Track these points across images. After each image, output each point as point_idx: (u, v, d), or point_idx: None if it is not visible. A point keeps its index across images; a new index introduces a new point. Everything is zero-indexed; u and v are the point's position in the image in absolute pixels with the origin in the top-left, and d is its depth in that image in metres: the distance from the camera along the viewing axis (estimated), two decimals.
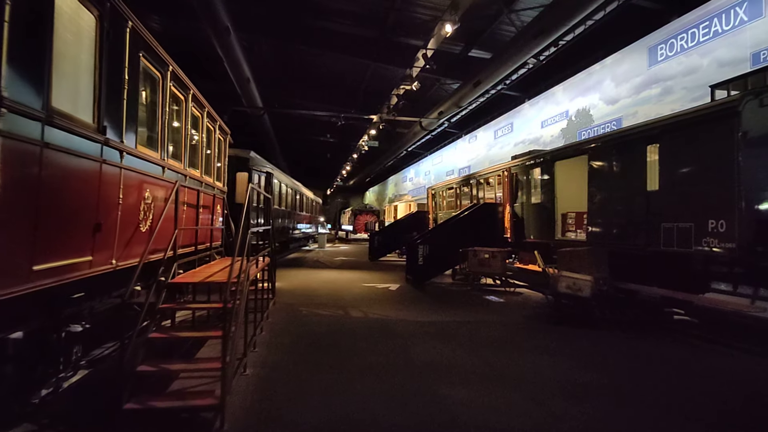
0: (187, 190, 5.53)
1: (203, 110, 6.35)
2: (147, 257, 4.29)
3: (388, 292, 10.59)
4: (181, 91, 5.27)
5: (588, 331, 6.93)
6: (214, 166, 7.22)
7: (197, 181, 6.14)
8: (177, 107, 5.32)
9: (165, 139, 4.69)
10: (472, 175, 15.68)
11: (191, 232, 5.64)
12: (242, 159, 13.26)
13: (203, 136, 6.39)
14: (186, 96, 5.46)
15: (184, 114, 5.46)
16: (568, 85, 18.40)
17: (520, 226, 11.69)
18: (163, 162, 4.65)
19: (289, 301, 8.90)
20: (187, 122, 5.55)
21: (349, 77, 23.42)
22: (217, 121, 7.27)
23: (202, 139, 6.34)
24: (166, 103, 4.65)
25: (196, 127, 6.22)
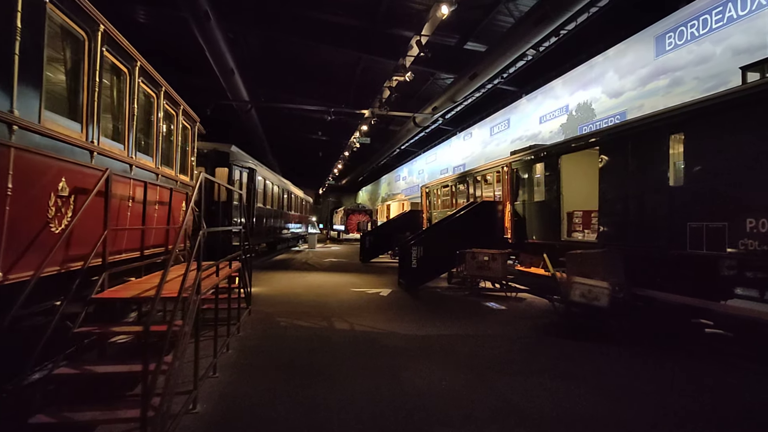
0: (132, 182, 4.57)
1: (159, 89, 5.38)
2: (66, 266, 3.34)
3: (379, 298, 9.67)
4: (121, 60, 4.30)
5: (605, 346, 6.05)
6: (177, 156, 6.26)
7: (150, 173, 5.17)
8: (116, 77, 4.36)
9: (94, 116, 3.73)
10: (469, 172, 14.80)
11: (135, 234, 4.67)
12: (222, 153, 12.28)
13: (159, 118, 5.42)
14: (131, 68, 4.49)
15: (129, 88, 4.50)
16: (568, 79, 17.60)
17: (522, 226, 10.82)
18: (90, 145, 3.69)
19: (267, 310, 7.95)
20: (133, 99, 4.59)
21: (340, 71, 22.46)
22: (180, 105, 6.30)
23: (157, 123, 5.38)
24: (95, 69, 3.69)
25: (148, 108, 5.26)
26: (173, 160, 6.18)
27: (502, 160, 12.15)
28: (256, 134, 32.03)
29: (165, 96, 5.58)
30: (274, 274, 13.29)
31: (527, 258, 10.97)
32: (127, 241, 4.55)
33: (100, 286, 3.55)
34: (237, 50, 18.21)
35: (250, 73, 20.56)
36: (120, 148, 4.36)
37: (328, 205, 62.06)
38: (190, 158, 7.14)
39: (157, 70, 5.18)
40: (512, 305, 9.11)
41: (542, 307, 8.98)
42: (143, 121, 5.11)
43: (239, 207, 13.01)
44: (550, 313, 8.30)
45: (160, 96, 5.42)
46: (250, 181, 13.59)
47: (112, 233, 3.91)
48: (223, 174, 12.33)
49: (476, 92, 21.66)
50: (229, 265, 5.58)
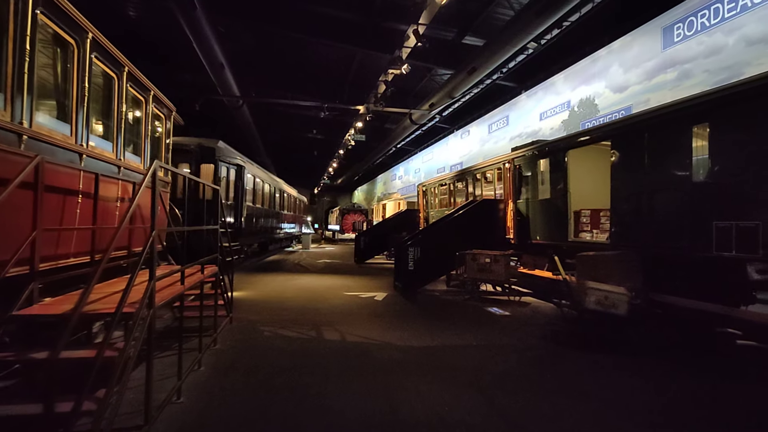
0: (82, 174, 3.90)
1: (120, 69, 4.71)
2: None
3: (373, 303, 9.02)
4: (65, 28, 3.63)
5: (623, 358, 5.43)
6: (146, 148, 5.58)
7: (109, 165, 4.50)
8: (59, 49, 3.69)
9: (24, 90, 3.06)
10: (468, 170, 14.18)
11: (84, 235, 4.00)
12: (207, 149, 11.59)
13: (121, 103, 4.75)
14: (79, 39, 3.82)
15: (77, 62, 3.83)
16: (569, 74, 17.01)
17: (525, 225, 10.20)
18: (18, 127, 3.02)
19: (251, 318, 7.29)
20: (84, 76, 3.92)
21: (334, 67, 21.77)
22: (150, 90, 5.62)
23: (119, 108, 4.70)
24: (25, 33, 3.03)
25: (107, 90, 4.59)
26: (141, 151, 5.50)
27: (503, 157, 11.54)
28: (249, 132, 31.30)
29: (129, 78, 4.90)
30: (264, 277, 12.62)
31: (531, 259, 10.36)
32: (77, 244, 3.88)
33: (27, 300, 2.89)
34: (227, 44, 17.52)
35: (240, 68, 19.86)
36: (64, 133, 3.69)
37: (324, 204, 61.33)
38: (165, 151, 6.46)
39: (144, 67, 4.57)
40: (516, 310, 8.49)
41: (548, 312, 8.36)
42: (99, 104, 4.44)
43: (229, 206, 12.32)
44: (558, 319, 7.69)
45: (122, 77, 4.74)
46: (239, 178, 12.90)
47: (46, 235, 3.24)
48: (209, 171, 11.64)
49: (474, 88, 21.07)
50: (202, 270, 4.91)
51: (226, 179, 12.22)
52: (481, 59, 15.96)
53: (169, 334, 6.05)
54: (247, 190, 14.10)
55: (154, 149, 6.12)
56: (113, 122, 4.63)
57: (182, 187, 11.46)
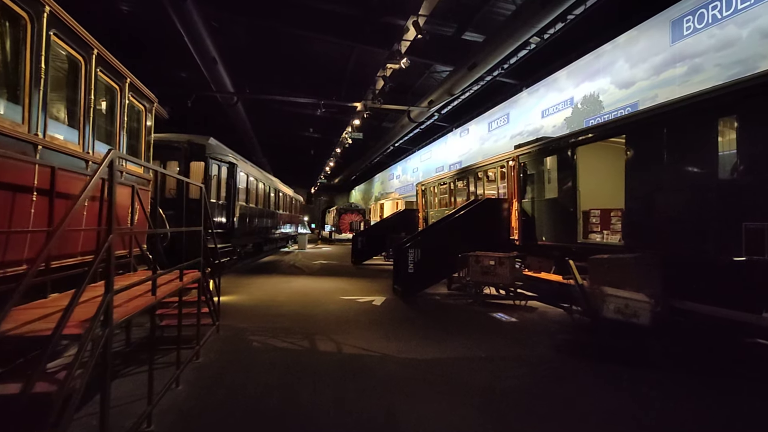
0: (38, 168, 3.38)
1: (88, 52, 4.19)
2: None
3: (371, 308, 8.52)
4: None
5: (645, 372, 4.95)
6: (120, 141, 5.06)
7: (75, 159, 3.99)
8: (7, 22, 3.18)
9: None
10: (469, 168, 13.70)
11: (37, 238, 3.47)
12: (197, 146, 11.06)
13: (90, 90, 4.23)
14: (32, 13, 3.31)
15: (30, 39, 3.31)
16: (573, 69, 16.56)
17: (530, 226, 9.74)
18: None
19: (240, 326, 6.77)
20: (40, 56, 3.40)
21: (332, 64, 21.25)
22: (125, 78, 5.10)
23: (86, 95, 4.18)
24: None
25: (72, 75, 4.07)
26: (116, 145, 4.98)
27: (507, 154, 11.06)
28: (244, 131, 30.75)
29: (99, 62, 4.38)
30: (257, 279, 12.09)
31: (536, 262, 9.89)
32: (29, 248, 3.36)
33: None
34: (220, 39, 16.96)
35: (234, 64, 19.31)
36: (14, 119, 3.17)
37: (320, 204, 60.80)
38: (145, 146, 5.94)
39: (136, 64, 4.06)
40: (523, 316, 8.00)
41: (557, 318, 7.88)
42: (61, 90, 3.92)
43: (221, 205, 11.80)
44: (568, 326, 7.21)
45: (90, 61, 4.22)
46: (231, 177, 12.37)
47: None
48: (199, 169, 11.11)
49: (475, 85, 20.59)
50: (181, 276, 4.40)
51: (218, 178, 11.69)
52: (482, 54, 15.48)
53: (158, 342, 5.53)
54: (240, 189, 13.57)
55: (132, 143, 5.60)
56: (80, 111, 4.11)
57: (173, 187, 10.94)
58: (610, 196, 8.58)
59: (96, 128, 4.39)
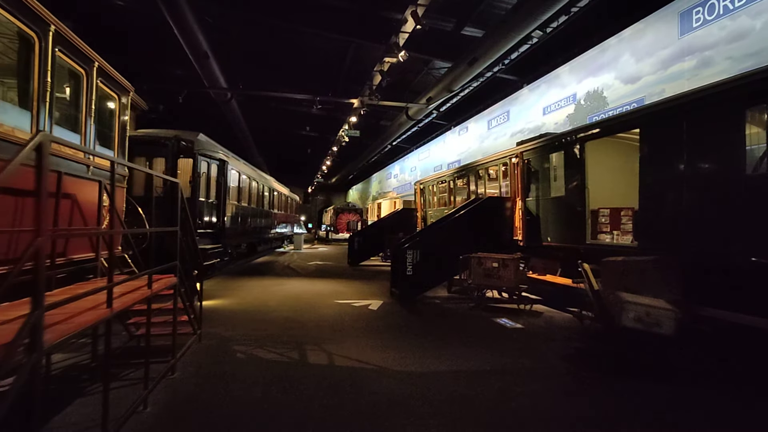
0: None
1: (43, 28, 3.68)
2: None
3: (368, 313, 8.02)
4: None
5: (669, 389, 4.47)
6: (87, 130, 4.54)
7: None
8: None
9: None
10: (470, 166, 13.22)
11: None
12: (185, 142, 10.54)
13: (47, 71, 3.72)
14: None
15: None
16: (575, 65, 16.09)
17: (535, 226, 9.26)
18: None
19: (225, 334, 6.27)
20: None
21: (328, 59, 20.74)
22: (93, 62, 4.59)
23: (41, 77, 3.67)
24: None
25: (24, 54, 3.56)
26: (82, 136, 4.47)
27: (510, 151, 10.57)
28: (239, 130, 30.21)
29: (57, 41, 3.87)
30: (248, 281, 11.58)
31: (541, 263, 9.42)
32: None
33: None
34: (213, 33, 16.43)
35: (227, 59, 18.77)
36: None
37: (317, 204, 60.29)
38: (119, 138, 5.42)
39: (124, 59, 3.56)
40: (529, 322, 7.52)
41: (566, 324, 7.40)
42: (8, 71, 3.41)
43: (211, 204, 11.28)
44: (578, 333, 6.74)
45: (47, 39, 3.71)
46: (221, 174, 11.84)
47: None
48: (188, 166, 10.59)
49: (474, 81, 20.13)
50: (149, 284, 3.89)
51: (207, 175, 11.17)
52: (483, 49, 15.01)
53: (132, 354, 5.03)
54: (232, 188, 13.05)
55: (103, 134, 5.08)
56: (32, 97, 3.60)
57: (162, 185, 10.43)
58: (620, 194, 8.12)
59: (54, 115, 3.87)
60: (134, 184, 10.44)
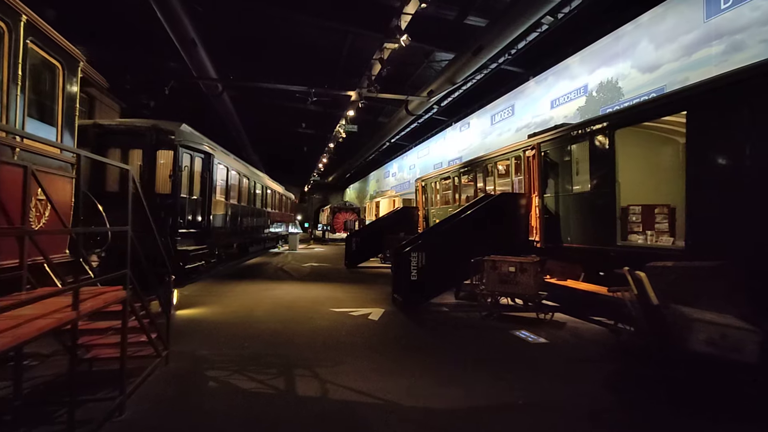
0: None
1: None
2: None
3: (368, 325, 7.04)
4: None
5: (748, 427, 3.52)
6: (12, 103, 3.54)
7: None
8: None
9: None
10: (477, 160, 12.25)
11: None
12: (164, 132, 9.52)
13: None
14: None
15: None
16: (587, 54, 15.17)
17: (554, 225, 8.31)
18: None
19: (200, 353, 5.27)
20: None
21: (324, 51, 19.70)
22: (19, 14, 3.58)
23: None
24: None
25: None
26: (2, 108, 3.46)
27: (524, 143, 9.61)
28: (233, 126, 29.19)
29: None
30: (236, 286, 10.56)
31: (559, 266, 8.46)
32: None
33: None
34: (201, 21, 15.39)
35: (217, 49, 17.70)
36: None
37: (314, 203, 59.24)
38: (62, 116, 4.39)
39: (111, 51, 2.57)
40: (552, 335, 6.56)
41: (594, 337, 6.45)
42: None
43: (194, 201, 10.26)
44: (612, 349, 5.78)
45: None
46: (206, 169, 10.81)
47: None
48: (167, 159, 9.56)
49: (478, 73, 19.14)
50: (75, 303, 2.88)
51: (190, 169, 10.14)
52: (489, 36, 14.06)
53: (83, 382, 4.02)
54: (219, 184, 12.04)
55: (41, 108, 4.08)
56: None
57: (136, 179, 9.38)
58: (651, 190, 7.20)
59: None
60: (107, 178, 9.44)
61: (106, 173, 9.41)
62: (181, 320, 6.99)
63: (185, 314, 7.39)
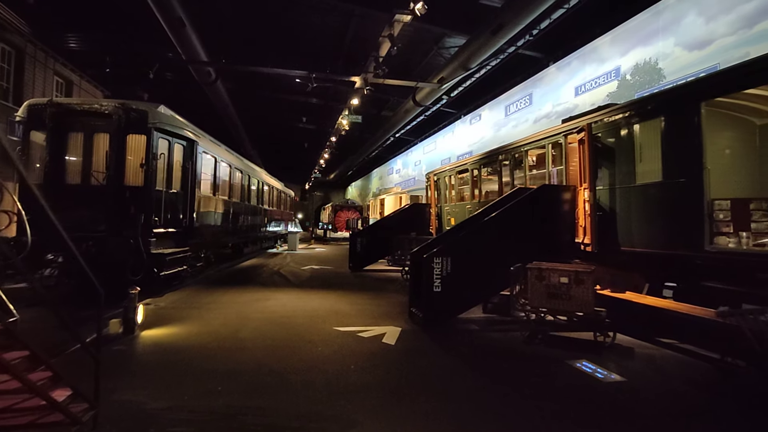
0: None
1: None
2: None
3: (383, 351, 5.50)
4: None
5: None
6: None
7: None
8: None
9: None
10: (503, 149, 10.68)
11: None
12: (136, 113, 7.97)
13: None
14: None
15: None
16: (619, 33, 13.60)
17: (609, 224, 6.75)
18: None
19: (151, 405, 3.72)
20: None
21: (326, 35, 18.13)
22: None
23: None
24: None
25: None
26: None
27: (567, 125, 8.04)
28: (229, 121, 27.70)
29: None
30: (222, 295, 9.01)
31: (610, 275, 6.90)
32: None
33: None
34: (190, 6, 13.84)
35: (208, 31, 16.11)
36: None
37: (315, 201, 57.72)
38: None
39: None
40: (625, 368, 5.01)
41: (682, 373, 4.90)
42: None
43: (174, 196, 8.71)
44: (726, 393, 4.23)
45: None
46: (189, 158, 9.26)
47: None
48: (139, 144, 8.01)
49: (493, 59, 17.56)
50: None
51: (168, 158, 8.58)
52: (512, 12, 12.49)
53: None
54: (205, 176, 10.49)
55: None
56: None
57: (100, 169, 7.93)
58: (747, 178, 5.67)
59: None
60: (67, 169, 7.92)
61: (65, 163, 7.88)
62: (143, 345, 5.47)
63: (152, 336, 5.86)
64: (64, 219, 7.45)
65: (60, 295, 7.89)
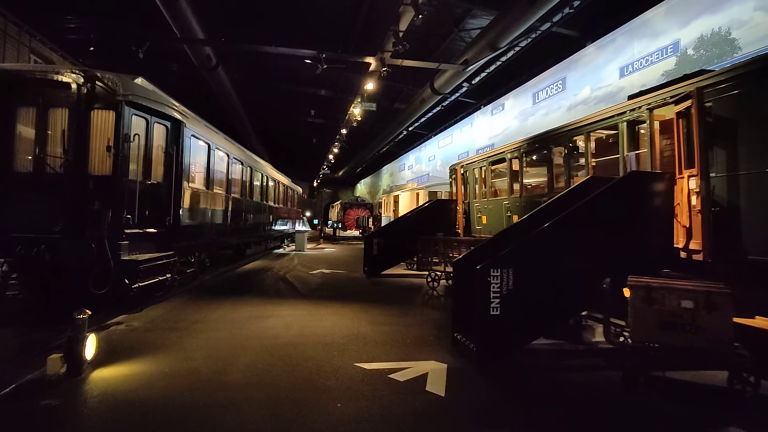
0: None
1: None
2: None
3: (430, 412, 3.77)
4: None
5: None
6: None
7: None
8: None
9: None
10: (555, 132, 8.85)
11: None
12: (102, 83, 6.29)
13: None
14: None
15: None
16: (676, 2, 11.72)
17: (731, 225, 4.94)
18: None
19: None
20: None
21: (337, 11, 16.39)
22: None
23: None
24: None
25: None
26: None
27: (653, 96, 6.22)
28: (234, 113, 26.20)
29: None
30: (215, 311, 7.33)
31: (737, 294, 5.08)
32: None
33: None
34: None
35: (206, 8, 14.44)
36: None
37: (324, 198, 56.12)
38: None
39: None
40: None
41: None
42: None
43: (155, 188, 7.04)
44: None
45: None
46: (173, 143, 7.56)
47: None
48: (107, 123, 6.34)
49: (524, 38, 15.70)
50: None
51: (146, 141, 6.89)
52: None
53: None
54: (196, 166, 8.81)
55: None
56: None
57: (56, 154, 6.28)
58: None
59: None
60: (16, 153, 6.28)
61: (13, 145, 6.23)
62: (86, 399, 3.80)
63: (103, 380, 4.19)
64: (10, 217, 5.67)
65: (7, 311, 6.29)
